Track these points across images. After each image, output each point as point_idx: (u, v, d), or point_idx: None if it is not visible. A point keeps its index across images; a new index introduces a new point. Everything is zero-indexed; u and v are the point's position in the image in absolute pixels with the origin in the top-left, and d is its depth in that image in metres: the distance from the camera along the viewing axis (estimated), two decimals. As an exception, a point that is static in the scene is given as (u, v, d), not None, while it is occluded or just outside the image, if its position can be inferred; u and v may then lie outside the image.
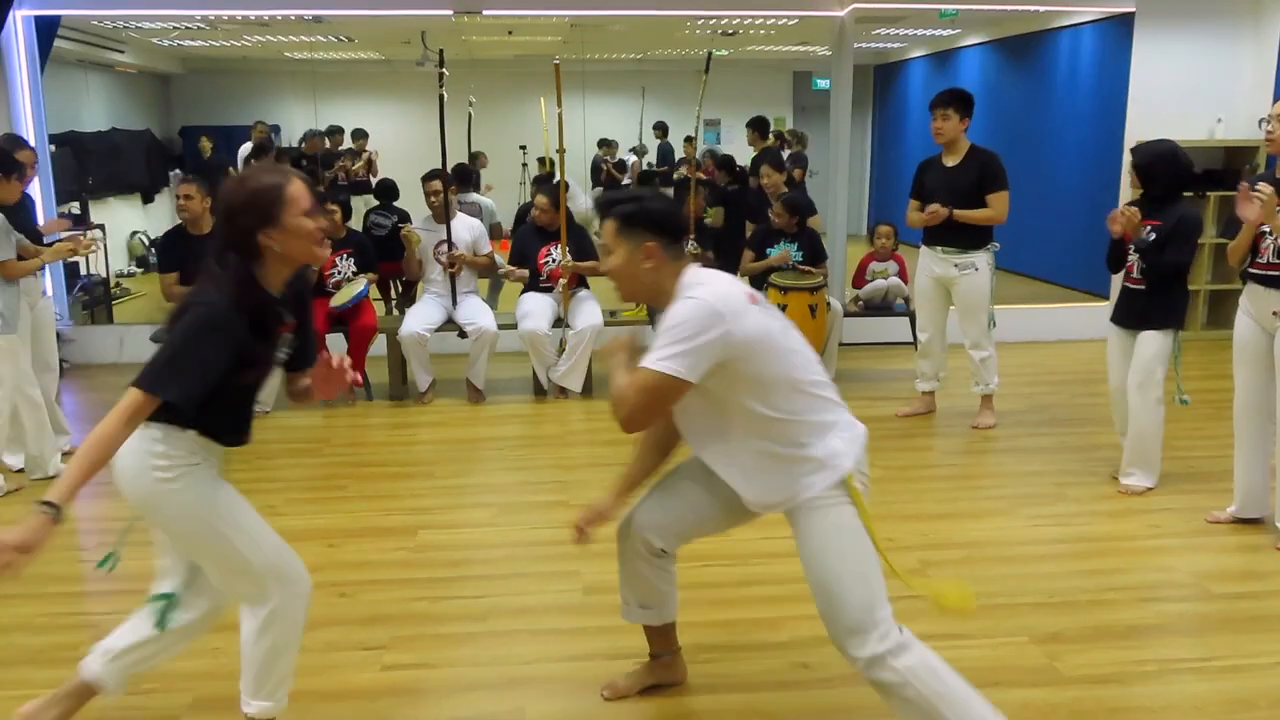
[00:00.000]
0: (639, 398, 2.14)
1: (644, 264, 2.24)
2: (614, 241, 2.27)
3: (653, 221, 2.25)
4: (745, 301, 2.17)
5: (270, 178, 2.12)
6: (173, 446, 2.17)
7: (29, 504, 4.27)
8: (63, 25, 6.93)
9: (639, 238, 2.24)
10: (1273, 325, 3.59)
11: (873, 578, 2.21)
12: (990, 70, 10.19)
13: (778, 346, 2.19)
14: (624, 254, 2.26)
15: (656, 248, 2.23)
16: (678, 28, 8.65)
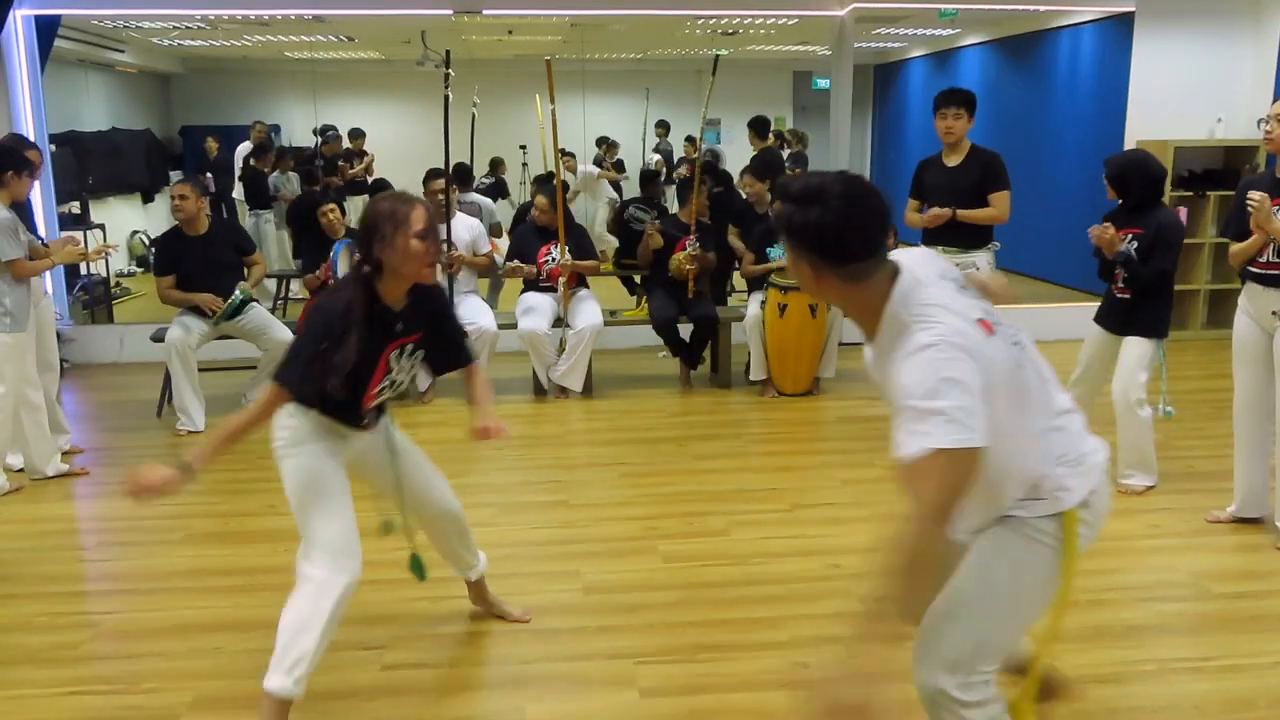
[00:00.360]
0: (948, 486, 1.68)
1: (813, 280, 1.86)
2: (784, 244, 1.90)
3: (810, 242, 1.81)
4: (983, 334, 1.79)
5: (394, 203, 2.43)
6: (297, 421, 2.52)
7: (29, 504, 4.30)
8: (63, 25, 6.93)
9: (799, 254, 1.84)
10: (1272, 325, 3.59)
11: (1007, 630, 1.95)
12: (990, 70, 10.19)
13: (1026, 383, 1.87)
14: (791, 260, 1.90)
15: (815, 272, 1.83)
16: (678, 27, 8.65)
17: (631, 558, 3.62)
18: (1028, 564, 1.92)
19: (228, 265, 5.41)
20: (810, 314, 5.66)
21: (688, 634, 3.04)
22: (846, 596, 3.30)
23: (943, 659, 1.92)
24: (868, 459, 4.74)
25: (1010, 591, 1.93)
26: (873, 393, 5.91)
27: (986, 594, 1.93)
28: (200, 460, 2.31)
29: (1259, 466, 3.78)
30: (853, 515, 4.01)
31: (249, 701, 2.71)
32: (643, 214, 7.02)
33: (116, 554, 3.76)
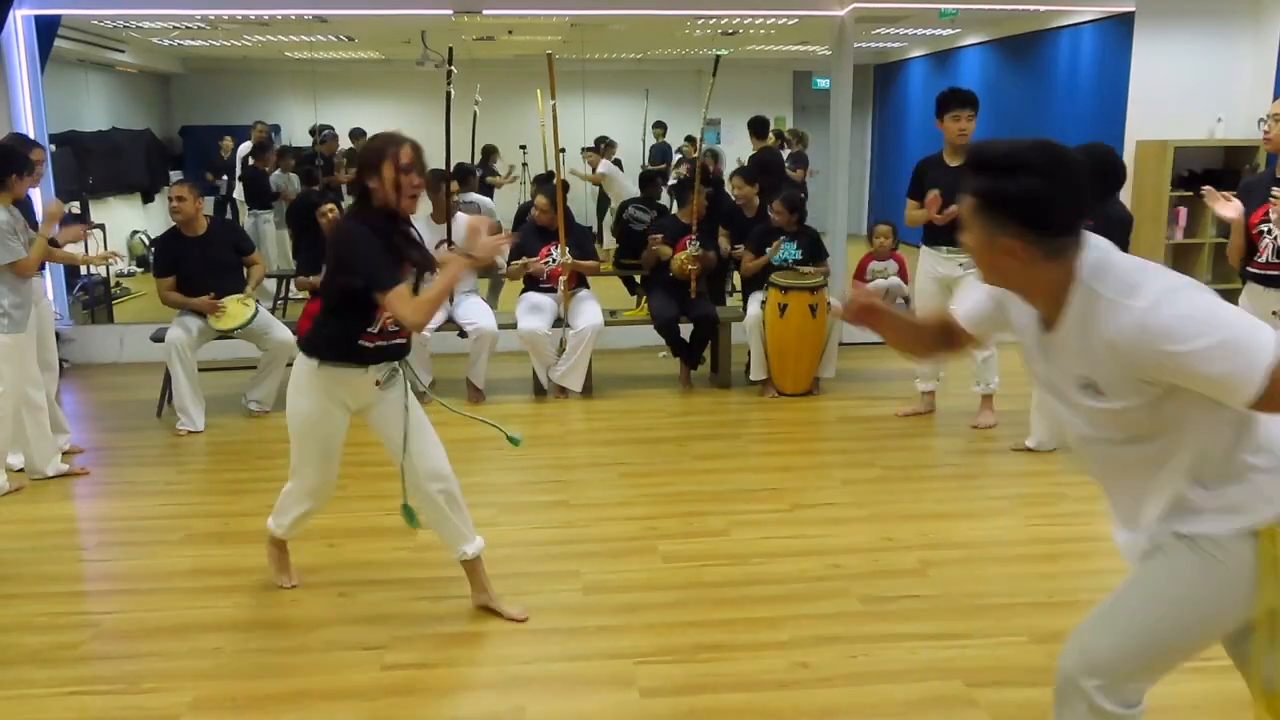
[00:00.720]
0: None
1: (1005, 259, 1.68)
2: (970, 220, 1.70)
3: (1020, 213, 1.63)
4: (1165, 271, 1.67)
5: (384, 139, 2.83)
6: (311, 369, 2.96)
7: (29, 504, 4.30)
8: (63, 25, 6.92)
9: (1001, 230, 1.66)
10: (1272, 325, 3.59)
11: (1168, 652, 1.80)
12: (990, 70, 10.20)
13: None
14: (981, 238, 1.70)
15: (1022, 248, 1.65)
16: (678, 27, 8.65)
17: (631, 558, 3.62)
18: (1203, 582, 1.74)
19: (227, 266, 5.41)
20: (810, 314, 5.66)
21: (688, 634, 3.04)
22: (846, 596, 3.30)
23: (1092, 657, 1.80)
24: (868, 459, 4.74)
25: (1186, 607, 1.76)
26: (873, 393, 5.94)
27: (1152, 611, 1.78)
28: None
29: None
30: (853, 515, 4.01)
31: (249, 701, 2.72)
32: (642, 214, 7.02)
33: (116, 554, 3.76)
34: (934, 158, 5.07)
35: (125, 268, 9.57)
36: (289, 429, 3.07)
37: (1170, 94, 7.16)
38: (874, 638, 3.00)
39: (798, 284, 5.66)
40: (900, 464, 4.70)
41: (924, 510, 4.08)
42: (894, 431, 5.20)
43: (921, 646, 2.95)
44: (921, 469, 4.64)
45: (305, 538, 3.85)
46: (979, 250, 1.72)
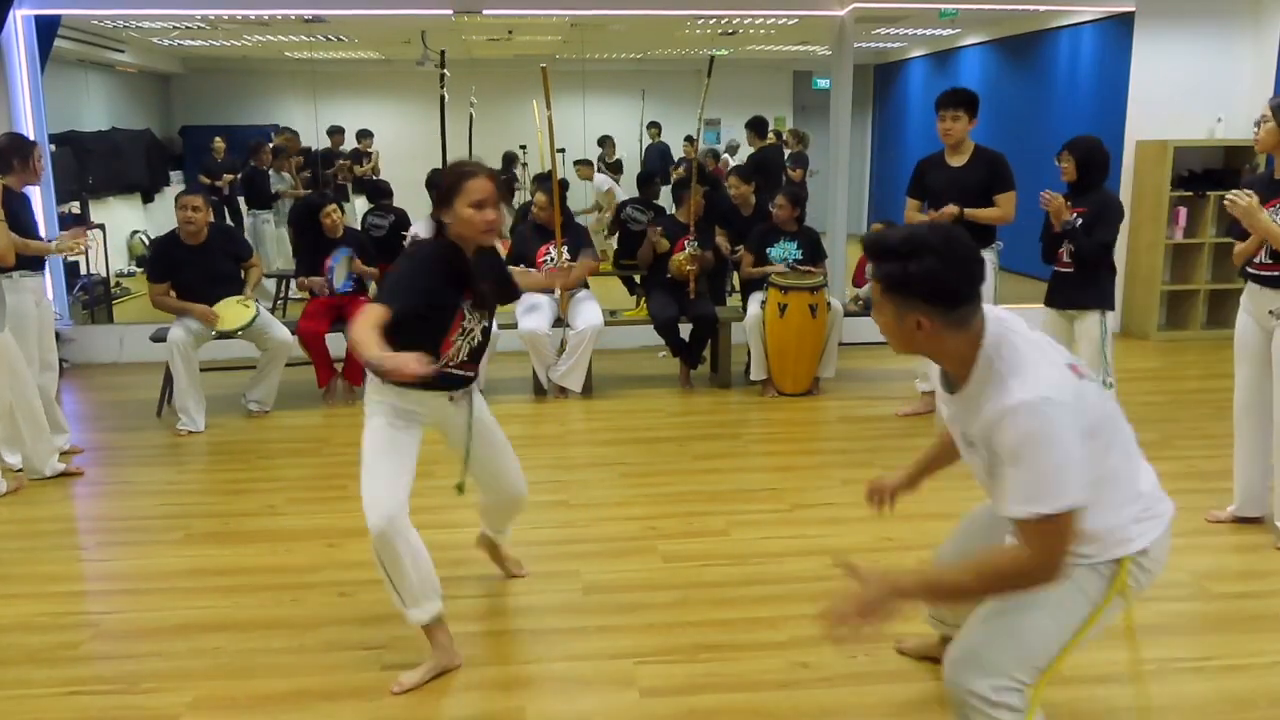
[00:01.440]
0: (1059, 545, 1.81)
1: (915, 332, 1.90)
2: (879, 301, 1.92)
3: (922, 291, 1.85)
4: (1075, 382, 1.88)
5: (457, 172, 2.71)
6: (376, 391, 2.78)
7: (28, 504, 4.30)
8: (63, 25, 6.92)
9: (908, 306, 1.88)
10: (1270, 324, 3.60)
11: (1047, 647, 1.99)
12: (990, 70, 10.19)
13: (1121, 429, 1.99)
14: (890, 316, 1.92)
15: (928, 321, 1.87)
16: (678, 27, 8.65)
17: (631, 558, 3.62)
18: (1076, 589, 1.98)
19: (225, 275, 5.39)
20: (810, 314, 5.66)
21: (688, 634, 3.04)
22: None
23: (981, 661, 1.99)
24: (868, 459, 4.74)
25: (1065, 611, 1.98)
26: (873, 393, 5.94)
27: (1041, 610, 1.97)
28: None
29: (1258, 466, 3.78)
30: (853, 515, 4.01)
31: (249, 701, 2.72)
32: (640, 214, 7.02)
33: (116, 554, 3.76)
34: (934, 157, 5.07)
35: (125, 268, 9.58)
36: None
37: (1170, 94, 7.16)
38: (874, 638, 2.99)
39: (798, 284, 5.66)
40: (900, 464, 4.68)
41: (924, 510, 4.06)
42: (894, 431, 5.20)
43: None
44: (921, 469, 4.63)
45: (305, 538, 3.85)
46: (890, 328, 1.94)
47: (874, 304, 1.95)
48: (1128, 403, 2.59)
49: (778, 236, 5.92)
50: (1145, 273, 7.33)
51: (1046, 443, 1.78)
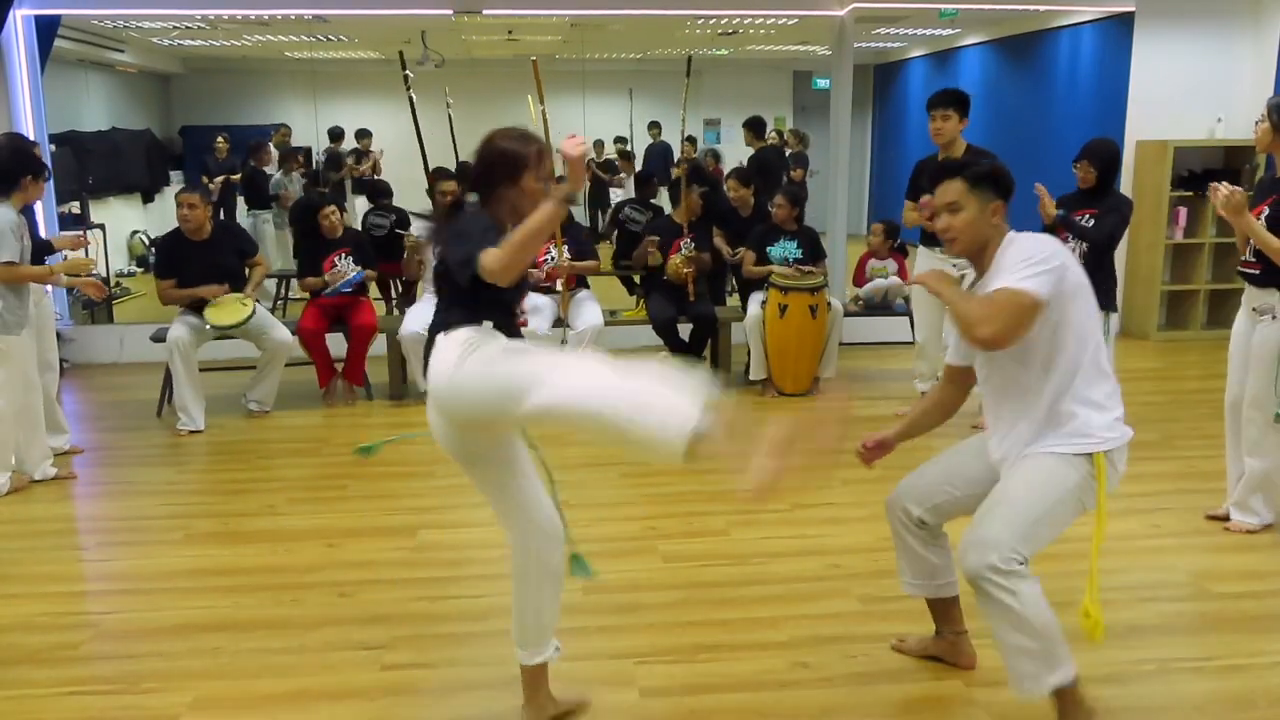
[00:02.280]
0: (1007, 316, 2.28)
1: (991, 220, 2.45)
2: (964, 199, 2.45)
3: (1001, 184, 2.47)
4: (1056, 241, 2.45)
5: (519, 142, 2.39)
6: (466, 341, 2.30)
7: (29, 504, 4.29)
8: (63, 25, 6.92)
9: (988, 198, 2.45)
10: (1253, 320, 3.66)
11: (1042, 529, 2.36)
12: (990, 70, 10.19)
13: (1091, 304, 2.43)
14: (974, 210, 2.45)
15: (1001, 206, 2.46)
16: (678, 27, 8.65)
17: (631, 558, 3.62)
18: (1061, 477, 2.38)
19: (230, 270, 5.40)
20: (810, 314, 5.66)
21: (688, 634, 3.04)
22: (846, 596, 3.30)
23: (988, 540, 2.30)
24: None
25: (1045, 494, 2.36)
26: (873, 392, 5.94)
27: (1026, 493, 2.37)
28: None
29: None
30: (853, 515, 4.01)
31: (249, 701, 2.72)
32: (638, 214, 7.02)
33: (116, 554, 3.76)
34: (931, 159, 5.08)
35: (125, 268, 9.58)
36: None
37: (1170, 94, 7.16)
38: (874, 638, 3.00)
39: (798, 284, 5.66)
40: (900, 464, 4.66)
41: (924, 510, 4.07)
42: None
43: (921, 646, 2.94)
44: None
45: (305, 538, 3.86)
46: (972, 222, 2.45)
47: (952, 209, 2.45)
48: (1128, 403, 2.59)
49: (777, 236, 5.92)
50: (1145, 273, 7.33)
51: (1028, 250, 2.36)
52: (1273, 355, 3.56)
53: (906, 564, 2.75)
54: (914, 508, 2.69)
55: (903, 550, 2.75)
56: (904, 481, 2.75)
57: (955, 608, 2.79)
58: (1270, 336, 3.56)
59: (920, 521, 2.68)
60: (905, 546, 2.74)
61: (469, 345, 2.31)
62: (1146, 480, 4.24)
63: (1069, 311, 2.36)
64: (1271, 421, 3.61)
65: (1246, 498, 3.77)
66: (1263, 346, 3.59)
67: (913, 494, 2.71)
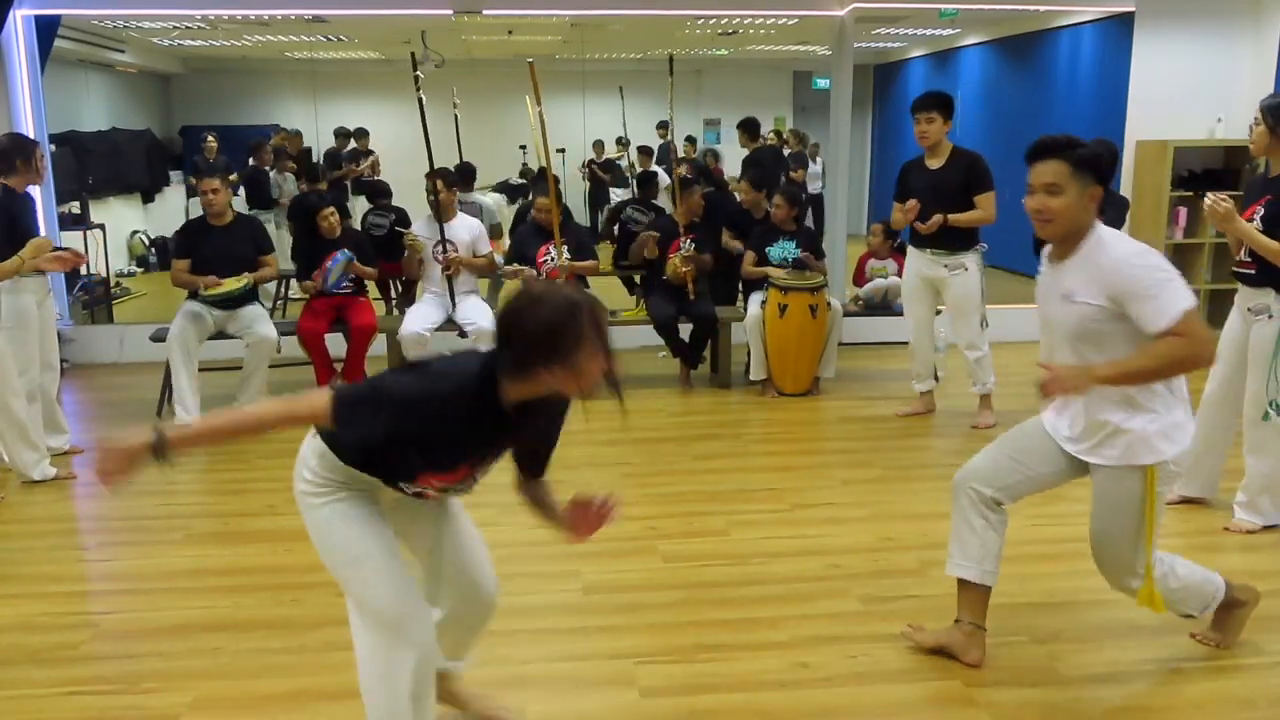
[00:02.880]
0: (1199, 331, 2.36)
1: (1090, 205, 2.46)
2: (1066, 182, 2.43)
3: (1102, 170, 2.47)
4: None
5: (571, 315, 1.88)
6: (325, 468, 2.10)
7: (29, 504, 4.29)
8: (63, 25, 6.92)
9: (1088, 182, 2.44)
10: (1249, 321, 3.69)
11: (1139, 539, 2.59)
12: (990, 70, 10.19)
13: None
14: (1074, 194, 2.44)
15: (1100, 192, 2.46)
16: (678, 27, 8.65)
17: (631, 558, 3.62)
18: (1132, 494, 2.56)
19: (244, 258, 5.45)
20: (810, 314, 5.66)
21: (688, 634, 3.04)
22: (846, 596, 3.30)
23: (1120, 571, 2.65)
24: (868, 459, 4.74)
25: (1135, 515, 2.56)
26: (873, 393, 5.94)
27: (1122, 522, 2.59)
28: (179, 445, 1.98)
29: (1215, 455, 3.96)
30: (853, 515, 4.01)
31: (249, 701, 2.72)
32: (640, 214, 7.02)
33: (116, 554, 3.76)
34: (915, 161, 5.11)
35: (125, 268, 9.58)
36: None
37: (1170, 94, 7.16)
38: (874, 638, 3.00)
39: (798, 284, 5.66)
40: (900, 464, 4.70)
41: (924, 510, 4.08)
42: (894, 431, 5.20)
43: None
44: (921, 469, 4.63)
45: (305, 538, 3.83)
46: (1070, 206, 2.44)
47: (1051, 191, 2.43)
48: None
49: (776, 236, 5.92)
50: (1145, 273, 7.33)
51: (1147, 258, 2.41)
52: (1268, 354, 3.60)
53: (960, 545, 2.80)
54: (984, 488, 2.74)
55: (962, 529, 2.79)
56: (970, 464, 2.80)
57: (984, 600, 2.81)
58: (1266, 335, 3.61)
59: (993, 501, 2.74)
60: (967, 526, 2.78)
61: (317, 482, 2.11)
62: (1146, 480, 4.24)
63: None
64: (1263, 419, 3.67)
65: (1255, 497, 3.80)
66: (1259, 346, 3.64)
67: (981, 475, 2.76)
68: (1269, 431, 3.67)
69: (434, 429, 1.94)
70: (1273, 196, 3.56)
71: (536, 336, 1.87)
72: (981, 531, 2.75)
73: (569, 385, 1.94)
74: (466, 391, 1.94)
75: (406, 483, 2.12)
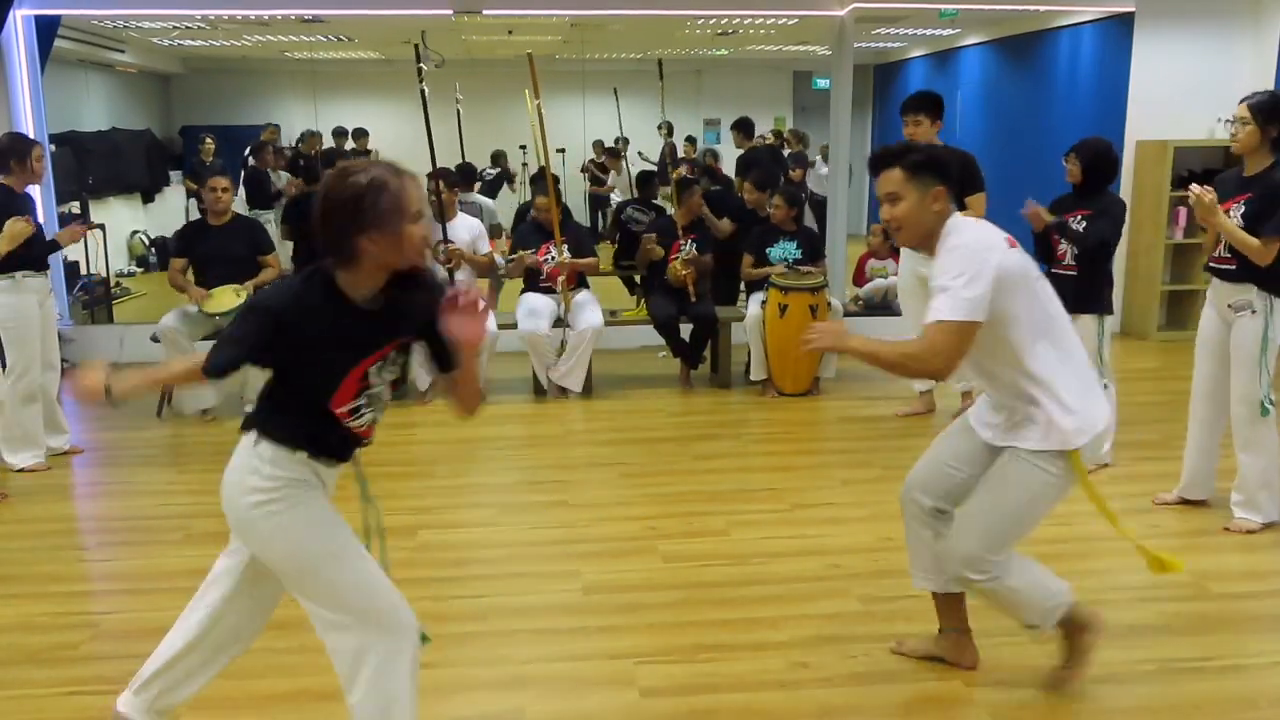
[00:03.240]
0: (951, 346, 2.36)
1: (933, 207, 2.47)
2: (903, 188, 2.47)
3: (940, 168, 2.49)
4: (1004, 242, 2.44)
5: (382, 177, 1.95)
6: (278, 467, 2.11)
7: (29, 503, 4.29)
8: (63, 25, 6.92)
9: (927, 185, 2.46)
10: (1230, 317, 3.71)
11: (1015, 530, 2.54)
12: (990, 70, 10.19)
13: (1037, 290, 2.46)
14: (914, 200, 2.47)
15: (944, 191, 2.47)
16: (678, 27, 8.65)
17: (631, 558, 3.62)
18: (1030, 479, 2.48)
19: (242, 259, 5.47)
20: (810, 314, 5.66)
21: (688, 634, 3.04)
22: (846, 596, 3.30)
23: (960, 555, 2.53)
24: (868, 459, 4.74)
25: (1016, 501, 2.51)
26: (873, 392, 5.94)
27: (996, 503, 2.52)
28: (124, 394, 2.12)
29: (1206, 453, 3.94)
30: (853, 515, 4.01)
31: (249, 701, 2.72)
32: (641, 214, 7.02)
33: (116, 554, 3.76)
34: None
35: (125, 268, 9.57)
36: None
37: (1170, 94, 7.16)
38: (874, 638, 3.00)
39: (798, 284, 5.66)
40: (900, 464, 4.66)
41: (924, 510, 4.07)
42: (894, 431, 5.20)
43: (921, 646, 2.94)
44: (921, 469, 4.63)
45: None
46: (913, 211, 2.46)
47: (892, 200, 2.47)
48: (1128, 403, 2.60)
49: (776, 236, 5.93)
50: (1145, 273, 7.33)
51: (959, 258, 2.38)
52: (1256, 350, 3.63)
53: (915, 557, 2.77)
54: (924, 498, 2.71)
55: (913, 543, 2.76)
56: (913, 472, 2.77)
57: (961, 604, 2.79)
58: (1252, 330, 3.63)
59: (935, 511, 2.70)
60: (917, 538, 2.75)
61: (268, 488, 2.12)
62: (1146, 480, 4.24)
63: (1011, 306, 2.39)
64: (1259, 415, 3.67)
65: (1253, 495, 3.80)
66: (1244, 342, 3.66)
67: (920, 483, 2.73)
68: (1261, 428, 3.69)
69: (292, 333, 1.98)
70: (1252, 194, 3.57)
71: (348, 205, 1.92)
72: (931, 543, 2.69)
73: (393, 254, 1.97)
74: (303, 286, 2.01)
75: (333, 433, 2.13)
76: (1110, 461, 4.44)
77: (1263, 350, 3.62)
